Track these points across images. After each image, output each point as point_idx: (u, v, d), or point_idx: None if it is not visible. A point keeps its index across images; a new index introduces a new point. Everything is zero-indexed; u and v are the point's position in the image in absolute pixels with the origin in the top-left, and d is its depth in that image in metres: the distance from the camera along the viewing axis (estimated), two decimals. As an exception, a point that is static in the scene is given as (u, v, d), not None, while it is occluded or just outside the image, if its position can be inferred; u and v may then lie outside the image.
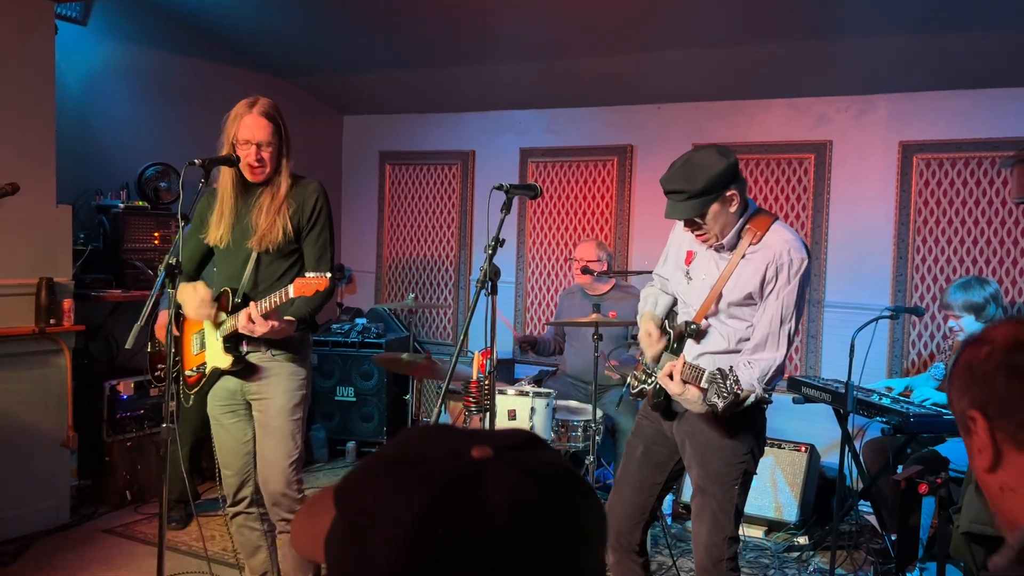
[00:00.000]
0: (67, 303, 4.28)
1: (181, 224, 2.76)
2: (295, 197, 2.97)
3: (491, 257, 2.59)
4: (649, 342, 2.78)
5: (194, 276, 3.14)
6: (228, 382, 3.04)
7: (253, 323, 2.80)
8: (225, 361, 2.94)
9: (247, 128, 2.87)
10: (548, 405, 4.14)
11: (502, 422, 4.04)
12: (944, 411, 3.81)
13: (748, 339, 2.63)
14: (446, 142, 6.38)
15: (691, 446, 2.70)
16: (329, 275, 2.73)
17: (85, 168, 4.87)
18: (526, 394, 4.12)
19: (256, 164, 2.89)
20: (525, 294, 6.12)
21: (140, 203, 4.89)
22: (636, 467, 2.84)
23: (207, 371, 3.03)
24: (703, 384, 2.50)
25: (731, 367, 2.47)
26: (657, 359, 2.78)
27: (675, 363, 2.55)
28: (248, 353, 2.98)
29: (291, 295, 2.74)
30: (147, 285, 4.59)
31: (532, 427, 4.07)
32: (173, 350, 2.99)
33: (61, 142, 4.37)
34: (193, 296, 2.93)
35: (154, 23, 5.29)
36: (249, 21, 5.41)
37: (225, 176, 2.96)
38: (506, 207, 2.72)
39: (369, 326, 5.91)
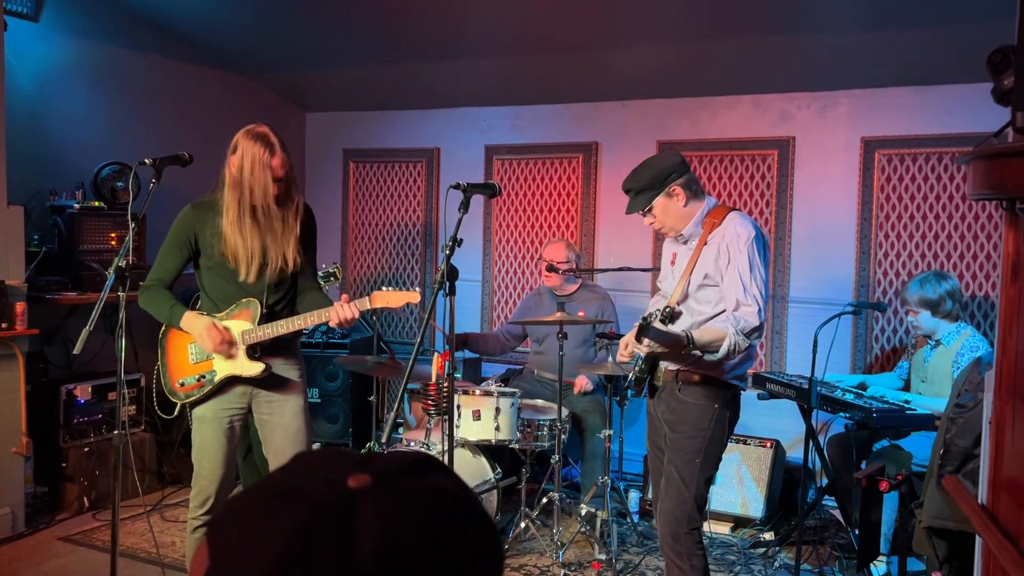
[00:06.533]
0: (19, 306, 4.17)
1: (132, 226, 2.70)
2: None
3: (448, 258, 2.57)
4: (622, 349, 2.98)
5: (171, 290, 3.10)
6: (237, 390, 3.05)
7: (347, 314, 2.94)
8: (254, 369, 2.99)
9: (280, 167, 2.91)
10: (513, 404, 4.11)
11: (466, 423, 4.01)
12: (906, 407, 3.82)
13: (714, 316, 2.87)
14: (410, 139, 6.32)
15: (663, 421, 2.94)
16: (418, 291, 2.98)
17: (38, 168, 4.76)
18: (491, 394, 4.08)
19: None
20: (492, 292, 6.08)
21: (96, 203, 4.78)
22: (656, 461, 3.10)
23: (216, 379, 3.02)
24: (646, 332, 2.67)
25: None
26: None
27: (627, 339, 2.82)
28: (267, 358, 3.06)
29: (372, 306, 3.04)
30: (103, 287, 4.51)
31: (497, 427, 4.04)
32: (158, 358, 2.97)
33: (12, 141, 4.27)
34: (212, 332, 2.91)
35: (109, 18, 5.18)
36: (208, 16, 5.31)
37: (232, 196, 2.89)
38: (464, 206, 2.72)
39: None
